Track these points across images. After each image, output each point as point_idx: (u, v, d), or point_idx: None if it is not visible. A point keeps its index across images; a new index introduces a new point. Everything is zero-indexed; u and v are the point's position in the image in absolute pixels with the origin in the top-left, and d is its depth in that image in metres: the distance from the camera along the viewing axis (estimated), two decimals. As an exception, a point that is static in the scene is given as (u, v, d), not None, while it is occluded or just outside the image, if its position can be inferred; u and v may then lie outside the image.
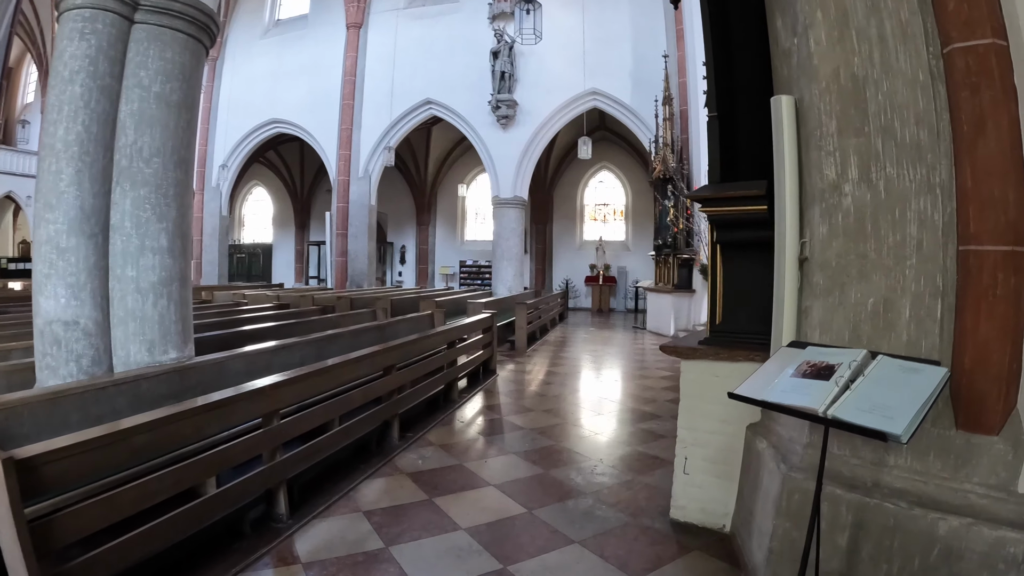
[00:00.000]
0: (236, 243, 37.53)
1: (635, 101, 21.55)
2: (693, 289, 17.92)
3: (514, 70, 22.87)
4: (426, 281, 34.51)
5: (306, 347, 7.39)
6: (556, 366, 12.87)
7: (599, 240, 30.74)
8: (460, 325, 10.08)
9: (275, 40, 28.22)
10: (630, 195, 31.33)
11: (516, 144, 23.18)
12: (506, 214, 23.52)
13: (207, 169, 28.67)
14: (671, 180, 18.39)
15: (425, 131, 31.07)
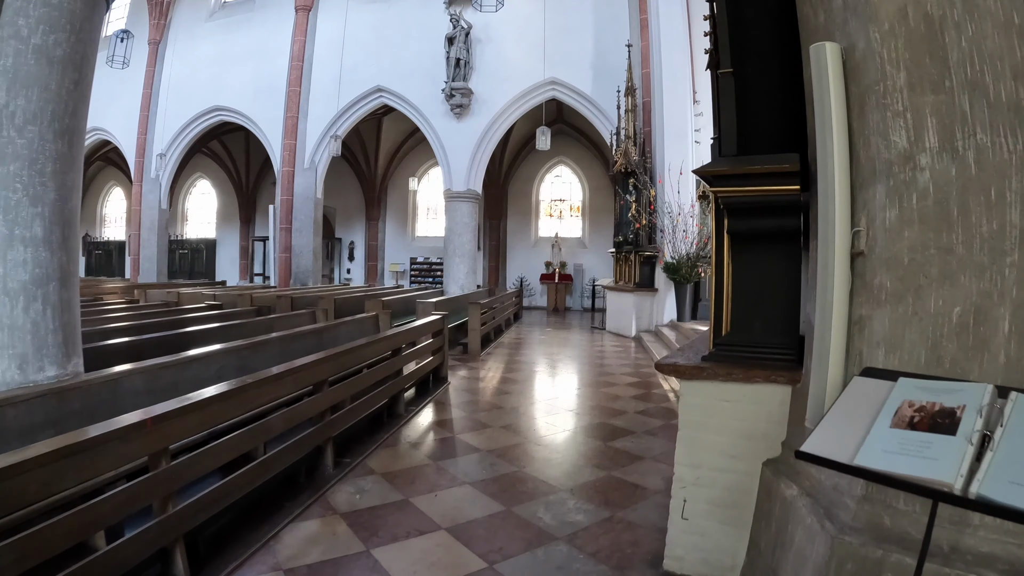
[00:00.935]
0: (179, 238, 36.12)
1: (596, 92, 20.74)
2: (656, 288, 17.14)
3: (470, 57, 21.88)
4: (376, 279, 33.36)
5: (226, 357, 6.33)
6: (513, 372, 11.90)
7: (555, 237, 29.82)
8: (407, 329, 9.05)
9: (221, 23, 26.87)
10: (587, 191, 30.55)
11: (470, 134, 22.21)
12: (459, 208, 22.57)
13: (146, 159, 27.37)
14: (633, 174, 17.58)
15: (376, 122, 29.94)
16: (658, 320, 17.15)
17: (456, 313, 15.39)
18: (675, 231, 16.00)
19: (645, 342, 15.57)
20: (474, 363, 12.88)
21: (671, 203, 16.07)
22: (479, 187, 22.83)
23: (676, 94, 17.57)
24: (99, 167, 37.77)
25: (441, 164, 22.95)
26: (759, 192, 3.65)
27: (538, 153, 29.01)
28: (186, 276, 34.29)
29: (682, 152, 17.00)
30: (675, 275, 15.84)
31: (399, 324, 14.49)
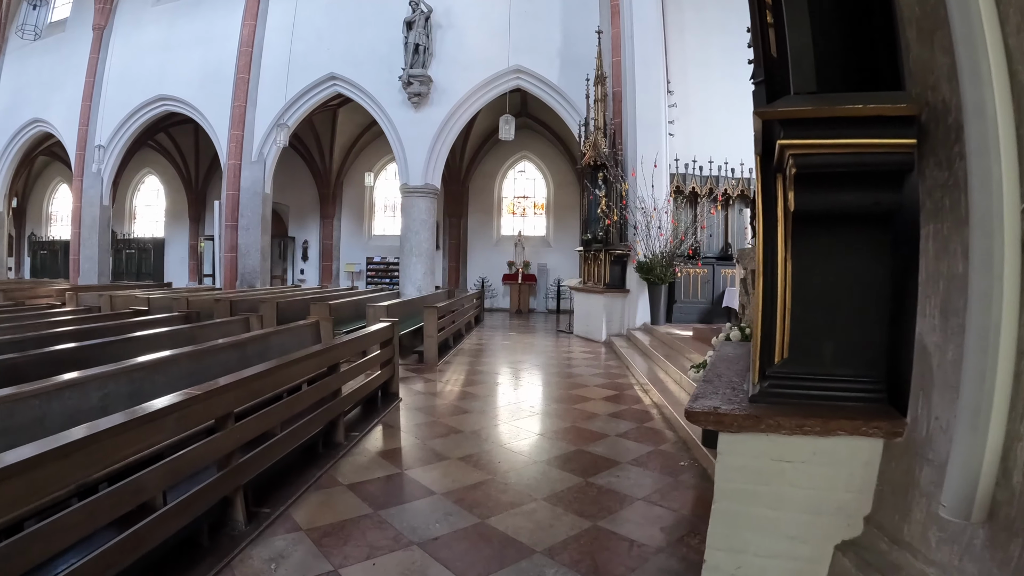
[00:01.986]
0: (125, 237, 34.60)
1: (563, 81, 19.59)
2: (627, 289, 16.06)
3: (430, 43, 20.60)
4: (331, 279, 31.98)
5: (113, 382, 4.90)
6: (474, 385, 10.61)
7: (518, 235, 28.71)
8: (349, 341, 7.78)
9: (169, 7, 25.25)
10: (552, 187, 29.42)
11: (429, 125, 20.91)
12: (416, 205, 21.22)
13: (87, 152, 25.72)
14: (603, 167, 16.44)
15: (331, 114, 28.69)
16: (630, 323, 16.03)
17: (412, 318, 14.17)
18: (649, 228, 14.89)
19: (617, 347, 14.39)
20: (431, 374, 11.60)
21: (644, 197, 14.96)
22: (438, 182, 21.53)
23: (649, 83, 16.58)
24: (45, 162, 36.05)
25: (397, 157, 21.64)
26: (852, 148, 2.36)
27: (501, 148, 28.47)
28: (133, 277, 32.75)
29: (655, 144, 16.00)
30: (649, 275, 14.75)
31: (348, 331, 13.30)
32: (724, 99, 17.22)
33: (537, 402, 9.37)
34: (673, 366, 10.51)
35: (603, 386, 10.46)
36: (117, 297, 16.23)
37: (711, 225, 16.94)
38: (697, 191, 16.93)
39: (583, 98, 18.17)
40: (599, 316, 16.41)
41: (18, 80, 28.64)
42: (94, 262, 25.85)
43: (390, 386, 9.32)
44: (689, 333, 12.78)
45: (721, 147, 16.94)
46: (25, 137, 28.44)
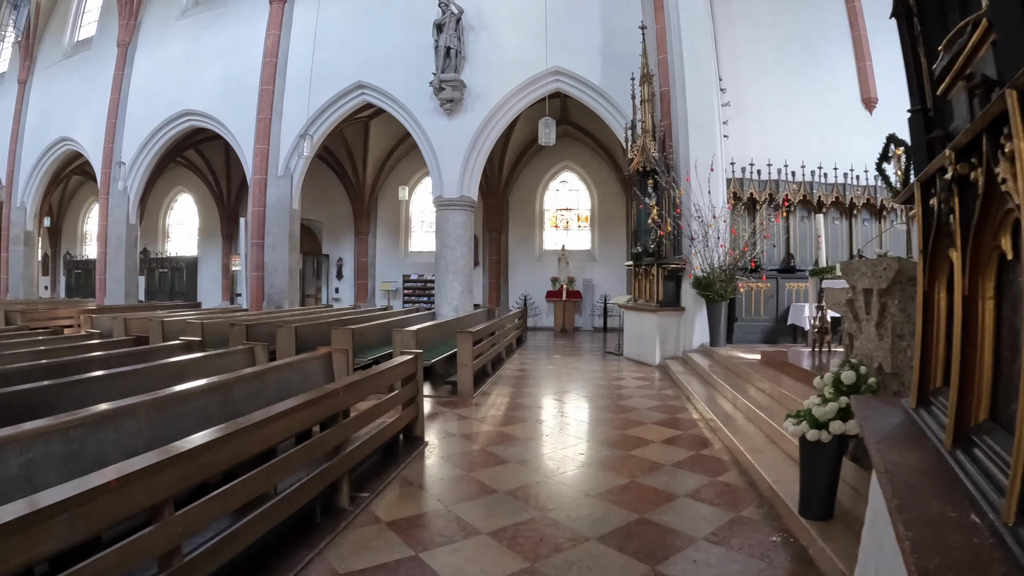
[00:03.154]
0: (158, 256, 34.31)
1: (606, 82, 18.13)
2: (682, 306, 14.59)
3: (461, 46, 19.30)
4: (366, 298, 30.83)
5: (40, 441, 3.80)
6: (513, 424, 9.14)
7: (562, 250, 27.19)
8: (355, 382, 6.41)
9: (192, 21, 24.72)
10: (596, 198, 27.96)
11: (463, 133, 19.56)
12: (451, 218, 19.84)
13: (113, 170, 25.15)
14: (653, 173, 15.01)
15: (362, 127, 27.64)
16: (686, 344, 14.55)
17: (446, 343, 13.00)
18: (707, 238, 13.43)
19: (673, 373, 12.89)
20: (465, 409, 10.17)
21: (700, 205, 13.51)
22: (474, 194, 20.13)
23: (699, 80, 15.19)
24: (79, 181, 35.82)
25: (430, 168, 20.30)
26: None
27: (541, 158, 27.22)
28: (166, 296, 32.40)
29: (709, 146, 14.59)
30: (707, 291, 13.29)
31: (374, 358, 12.07)
32: (779, 96, 16.00)
33: (586, 447, 7.85)
34: (742, 397, 9.05)
35: (662, 423, 8.99)
36: (132, 320, 15.61)
37: (772, 235, 15.46)
38: (756, 197, 15.48)
39: (627, 99, 16.81)
40: (652, 337, 14.92)
41: (46, 99, 28.75)
42: (121, 282, 25.19)
43: (414, 428, 8.06)
44: (756, 357, 11.34)
45: (779, 148, 15.58)
46: (54, 156, 28.44)
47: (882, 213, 16.04)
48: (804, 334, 13.98)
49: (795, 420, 4.93)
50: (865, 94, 16.74)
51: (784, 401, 8.10)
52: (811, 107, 16.37)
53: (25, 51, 29.53)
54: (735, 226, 14.26)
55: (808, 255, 15.75)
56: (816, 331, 10.41)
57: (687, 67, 15.23)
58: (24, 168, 29.28)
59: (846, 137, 16.04)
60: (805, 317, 13.66)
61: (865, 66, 16.70)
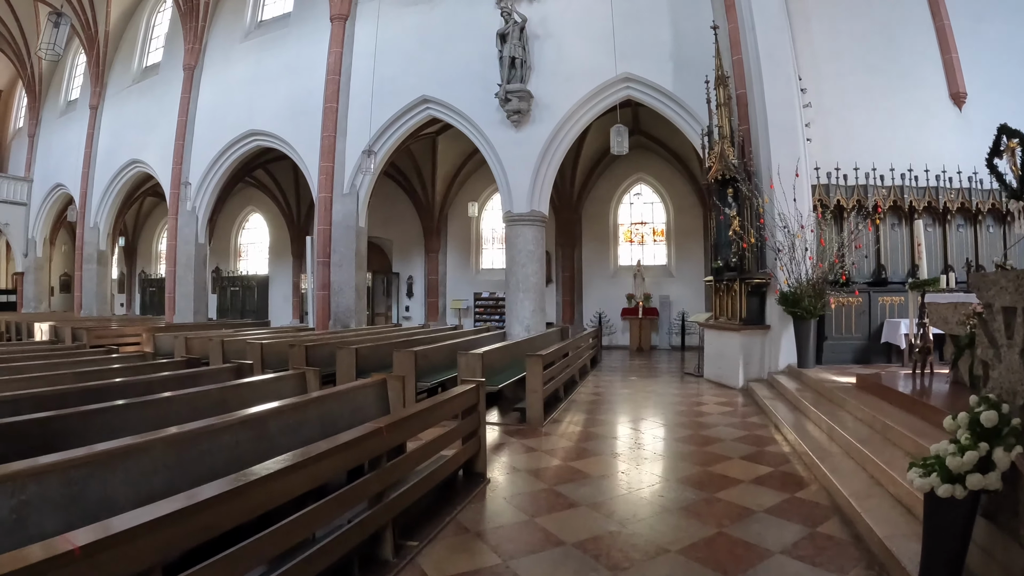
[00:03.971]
0: (229, 275, 35.12)
1: (678, 87, 17.07)
2: (767, 324, 13.55)
3: (527, 56, 18.57)
4: (437, 317, 30.36)
5: (34, 482, 3.40)
6: (585, 458, 8.22)
7: (637, 265, 26.24)
8: (403, 419, 5.60)
9: (255, 43, 25.15)
10: (672, 211, 26.86)
11: (532, 145, 18.79)
12: (521, 234, 19.05)
13: (182, 191, 25.72)
14: (732, 181, 14.01)
15: (430, 143, 27.39)
16: (772, 365, 13.50)
17: (515, 366, 12.15)
18: (794, 250, 12.43)
19: (758, 397, 11.86)
20: (533, 439, 9.31)
21: (785, 214, 12.53)
22: (545, 208, 19.34)
23: (777, 80, 14.23)
24: (154, 203, 37.19)
25: (499, 182, 19.65)
26: None
27: (614, 170, 26.52)
28: (237, 315, 33.15)
29: (792, 150, 13.61)
30: (795, 308, 12.25)
31: (439, 381, 11.44)
32: (861, 94, 14.88)
33: (666, 487, 6.91)
34: (838, 428, 8.01)
35: (749, 457, 8.01)
36: (193, 339, 15.30)
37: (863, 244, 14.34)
38: (843, 204, 14.33)
39: (702, 104, 15.83)
40: (735, 357, 13.88)
41: (116, 123, 29.96)
42: (190, 300, 25.71)
43: (475, 464, 7.26)
44: (850, 380, 10.30)
45: (864, 150, 14.41)
46: (125, 178, 29.59)
47: (977, 218, 14.76)
48: (899, 353, 12.91)
49: (922, 471, 4.00)
50: (953, 88, 15.40)
51: (888, 434, 7.12)
52: (896, 105, 15.11)
53: (95, 78, 30.83)
54: (822, 236, 13.21)
55: (900, 265, 14.59)
56: (917, 351, 9.41)
57: (764, 67, 14.28)
58: (97, 190, 30.39)
59: (935, 136, 14.87)
60: (901, 335, 12.59)
61: (951, 58, 15.37)
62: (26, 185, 35.83)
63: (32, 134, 36.39)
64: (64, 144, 33.42)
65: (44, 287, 36.29)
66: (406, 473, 5.58)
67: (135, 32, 31.29)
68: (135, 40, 31.17)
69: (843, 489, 6.15)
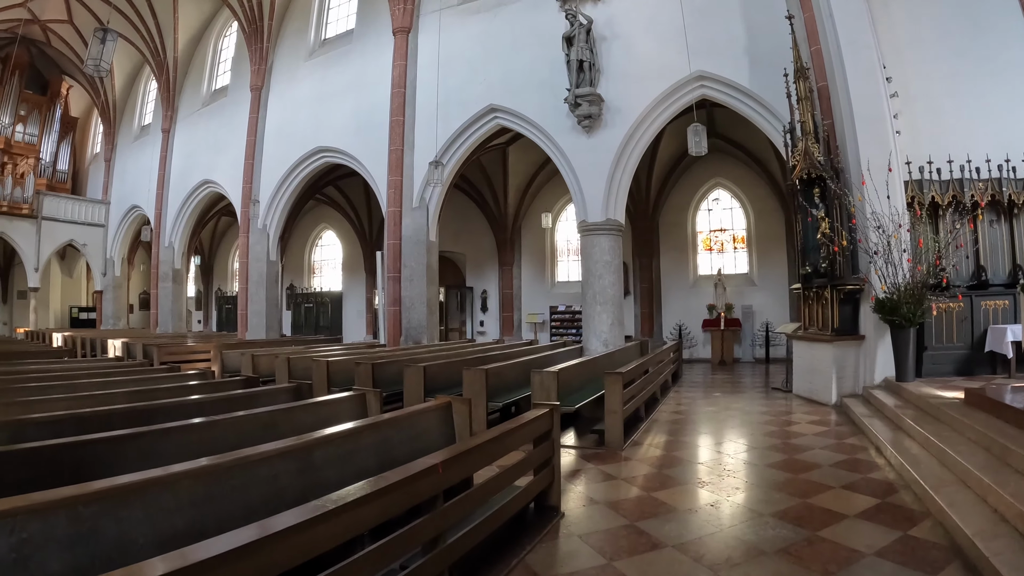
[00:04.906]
0: (303, 291, 35.89)
1: (755, 83, 16.07)
2: (861, 334, 12.53)
3: (595, 58, 17.79)
4: (512, 331, 29.82)
5: (38, 518, 3.11)
6: (668, 487, 7.39)
7: (717, 274, 25.18)
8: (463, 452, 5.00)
9: (320, 60, 25.57)
10: (752, 217, 25.69)
11: (605, 151, 17.98)
12: (597, 244, 18.22)
13: (252, 209, 26.24)
14: (819, 180, 12.99)
15: (500, 154, 26.98)
16: (867, 379, 12.42)
17: (593, 383, 11.38)
18: (889, 251, 11.42)
19: (854, 414, 10.83)
20: (612, 464, 8.51)
21: (879, 212, 11.54)
22: (621, 216, 18.43)
23: (860, 69, 13.10)
24: (228, 222, 38.23)
25: (572, 190, 18.88)
26: None
27: (691, 176, 25.70)
28: (311, 331, 33.73)
29: (881, 143, 12.49)
30: (893, 315, 11.22)
31: (511, 400, 10.89)
32: (947, 80, 13.57)
33: (761, 524, 6.00)
34: (950, 451, 7.02)
35: (850, 487, 7.07)
36: (260, 356, 15.36)
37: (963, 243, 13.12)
38: (937, 200, 13.12)
39: (780, 100, 14.81)
40: (827, 371, 12.79)
41: (188, 145, 31.25)
42: (262, 317, 26.23)
43: (548, 496, 6.49)
44: (957, 395, 9.27)
45: (954, 141, 13.03)
46: (198, 198, 30.94)
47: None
48: (1006, 363, 11.78)
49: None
50: (1045, 67, 14.16)
51: (1009, 459, 6.20)
52: (984, 90, 13.60)
53: (166, 102, 32.22)
54: (918, 235, 12.09)
55: (1000, 266, 13.24)
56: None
57: (846, 56, 13.21)
58: (171, 211, 31.81)
59: (1029, 121, 13.59)
60: (1008, 342, 11.45)
61: (1039, 35, 14.12)
62: (103, 207, 37.99)
63: (108, 159, 38.42)
64: (139, 167, 34.97)
65: (122, 305, 38.31)
66: (469, 511, 4.96)
67: (203, 57, 32.45)
68: (203, 64, 32.31)
69: (964, 527, 5.27)
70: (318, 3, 27.00)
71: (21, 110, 37.30)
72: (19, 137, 37.08)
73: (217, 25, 32.37)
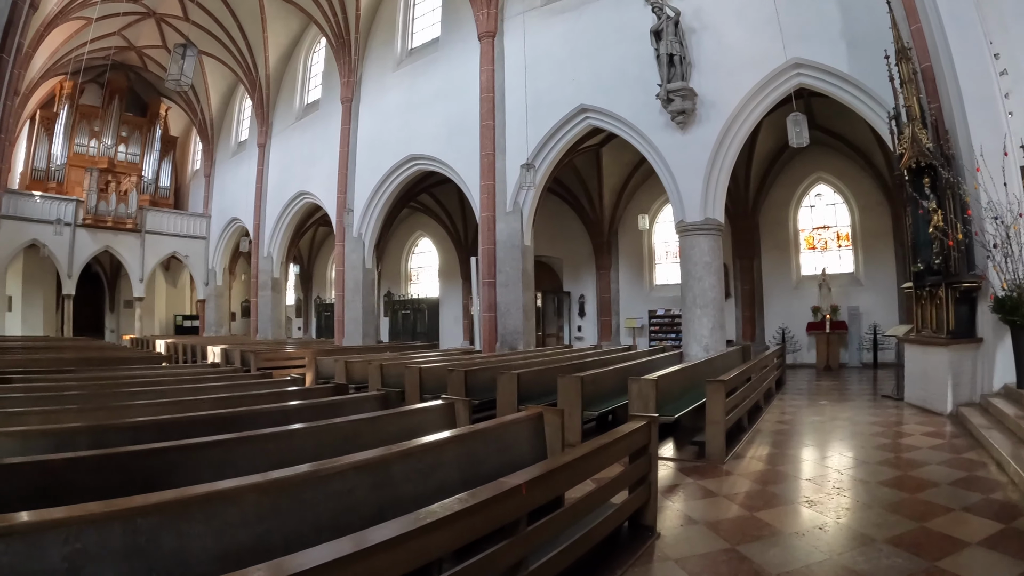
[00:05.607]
0: (400, 298, 36.86)
1: (854, 67, 15.04)
2: (978, 336, 11.48)
3: (685, 51, 17.07)
4: (610, 336, 29.11)
5: (94, 528, 3.06)
6: (774, 506, 6.74)
7: (822, 274, 23.80)
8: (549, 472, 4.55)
9: (407, 70, 26.14)
10: (856, 212, 24.24)
11: (701, 147, 17.25)
12: (696, 245, 17.44)
13: (344, 217, 27.02)
14: (929, 169, 11.99)
15: (593, 156, 26.52)
16: (984, 387, 11.28)
17: (693, 391, 10.83)
18: (1009, 244, 10.44)
19: (972, 426, 9.82)
20: (712, 479, 7.90)
21: (996, 202, 10.56)
22: (720, 215, 17.64)
23: (968, 48, 11.94)
24: (326, 232, 39.53)
25: (668, 190, 18.20)
26: None
27: (791, 171, 24.67)
28: (408, 337, 34.60)
29: (994, 126, 11.37)
30: (1013, 316, 10.23)
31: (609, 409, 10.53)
32: None
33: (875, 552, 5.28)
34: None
35: (972, 509, 6.29)
36: (353, 363, 15.41)
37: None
38: (1055, 184, 12.02)
39: (881, 84, 13.81)
40: (942, 378, 11.67)
41: (284, 159, 32.78)
42: (358, 323, 26.86)
43: (643, 515, 5.99)
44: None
45: None
46: (294, 209, 32.53)
47: None
48: None
49: None
50: None
51: None
52: None
53: (261, 119, 34.06)
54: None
55: None
56: None
57: (949, 33, 12.06)
58: (268, 222, 33.43)
59: None
60: None
61: None
62: (204, 220, 40.63)
63: (208, 174, 41.06)
64: (237, 181, 37.03)
65: (224, 313, 40.72)
66: (557, 532, 4.56)
67: (294, 73, 34.02)
68: (295, 80, 33.86)
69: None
70: (403, 14, 27.50)
71: (123, 131, 40.60)
72: (121, 157, 40.45)
73: (306, 42, 33.85)
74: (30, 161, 37.83)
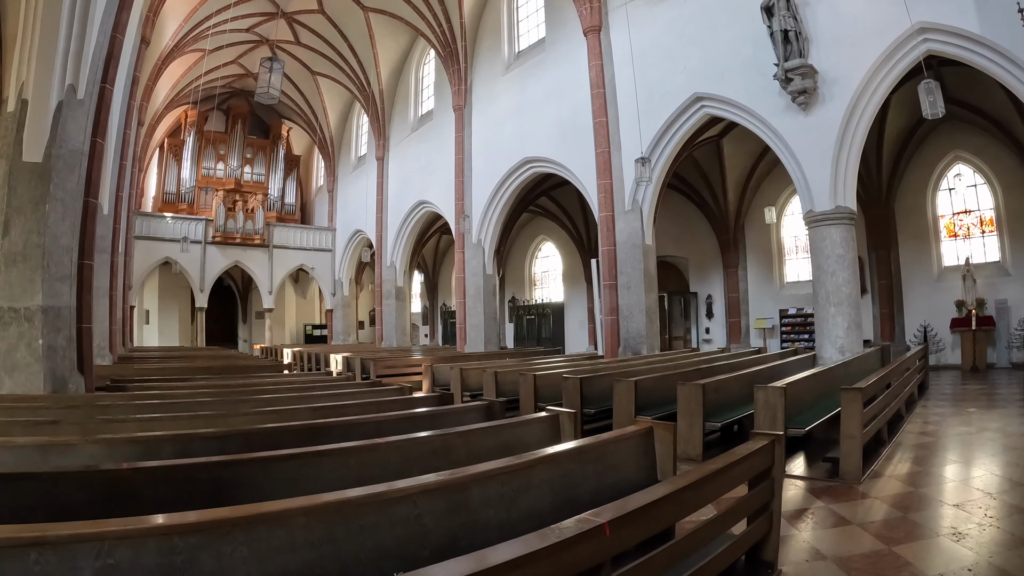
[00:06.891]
0: (525, 304, 37.25)
1: (985, 27, 13.59)
2: None
3: (800, 26, 16.05)
4: (739, 338, 28.14)
5: (137, 545, 2.94)
6: (918, 539, 5.82)
7: (966, 264, 21.77)
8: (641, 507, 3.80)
9: (516, 73, 26.41)
10: (1000, 194, 22.14)
11: (826, 129, 16.10)
12: (826, 236, 16.26)
13: (463, 223, 27.48)
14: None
15: (714, 148, 25.57)
16: None
17: (826, 399, 10.13)
18: None
19: None
20: (846, 503, 7.02)
21: None
22: (852, 203, 16.39)
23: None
24: (449, 240, 39.88)
25: (794, 178, 17.09)
26: None
27: (925, 152, 23.14)
28: (533, 342, 34.85)
29: None
30: None
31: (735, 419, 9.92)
32: None
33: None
34: None
35: None
36: (468, 370, 15.42)
37: None
38: None
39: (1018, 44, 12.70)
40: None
41: (402, 170, 34.17)
42: (480, 329, 27.19)
43: (763, 549, 5.20)
44: None
45: None
46: (415, 219, 33.79)
47: None
48: None
49: None
50: None
51: None
52: None
53: (378, 133, 35.71)
54: None
55: None
56: None
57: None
58: (390, 232, 35.01)
59: None
60: None
61: None
62: (329, 234, 42.92)
63: (331, 189, 43.35)
64: (358, 194, 38.63)
65: (351, 322, 42.57)
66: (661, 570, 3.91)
67: (406, 86, 35.23)
68: (407, 93, 35.05)
69: None
70: (507, 19, 27.86)
71: (247, 153, 43.75)
72: (247, 177, 43.63)
73: (416, 54, 34.95)
74: (161, 185, 41.43)
